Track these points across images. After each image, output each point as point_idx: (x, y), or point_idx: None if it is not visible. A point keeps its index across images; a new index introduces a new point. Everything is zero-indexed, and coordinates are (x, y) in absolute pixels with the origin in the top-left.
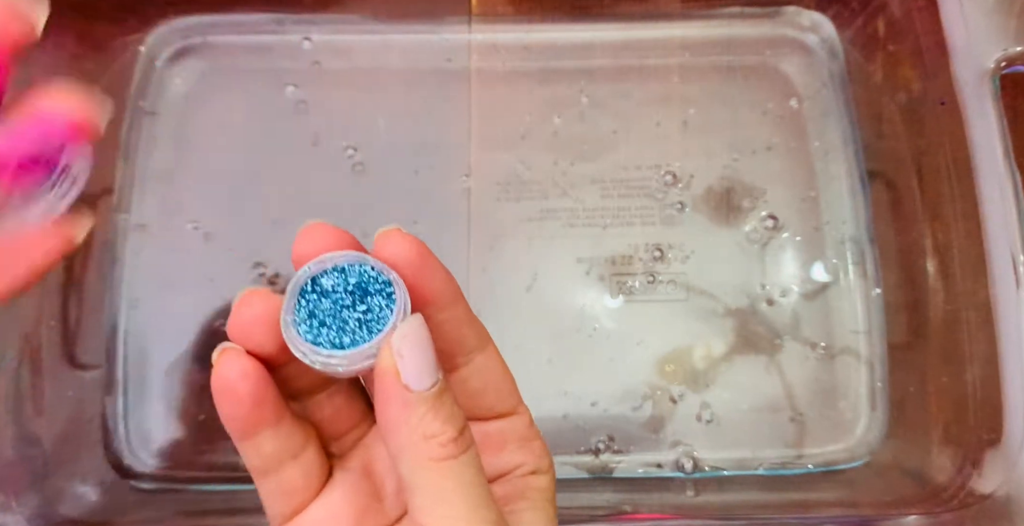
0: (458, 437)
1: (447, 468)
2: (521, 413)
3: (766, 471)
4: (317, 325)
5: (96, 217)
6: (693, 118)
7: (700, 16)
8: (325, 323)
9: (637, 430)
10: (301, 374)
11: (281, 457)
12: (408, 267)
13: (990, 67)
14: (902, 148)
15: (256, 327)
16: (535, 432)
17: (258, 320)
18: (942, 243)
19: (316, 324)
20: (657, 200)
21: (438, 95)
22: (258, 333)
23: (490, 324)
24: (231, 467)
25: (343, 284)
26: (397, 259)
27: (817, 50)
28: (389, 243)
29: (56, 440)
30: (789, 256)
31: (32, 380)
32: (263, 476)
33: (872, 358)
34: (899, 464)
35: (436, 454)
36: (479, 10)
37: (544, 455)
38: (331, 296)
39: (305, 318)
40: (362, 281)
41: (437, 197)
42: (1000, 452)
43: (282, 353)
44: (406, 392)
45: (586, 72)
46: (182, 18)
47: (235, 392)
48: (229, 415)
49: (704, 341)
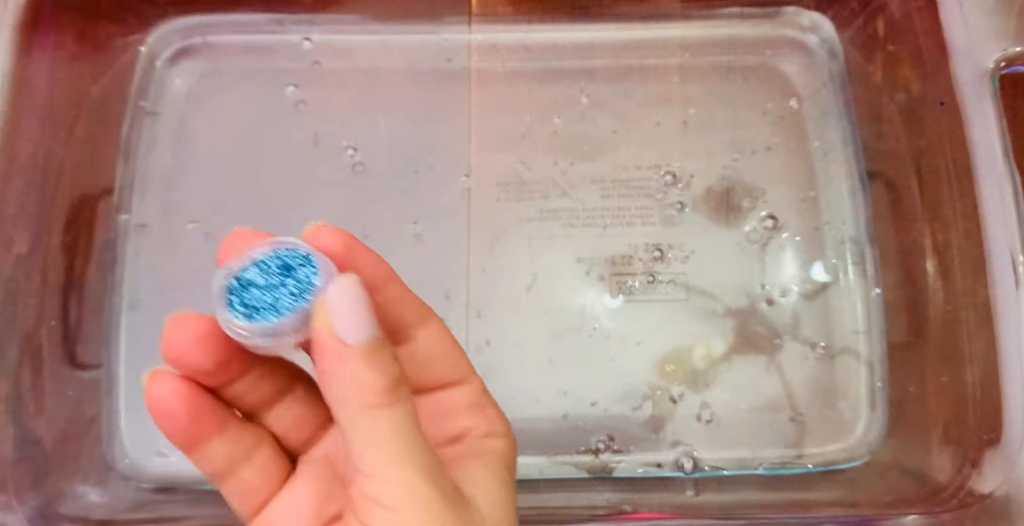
0: (393, 388)
1: (381, 415)
2: (472, 382)
3: (766, 471)
4: (252, 311)
5: (97, 217)
6: (693, 118)
7: (700, 16)
8: (260, 307)
9: (637, 430)
10: (250, 389)
11: (233, 460)
12: (336, 256)
13: (989, 67)
14: (902, 148)
15: (190, 347)
16: (489, 399)
17: (191, 341)
18: (942, 243)
19: (251, 311)
20: (657, 200)
21: (438, 95)
22: (193, 353)
23: (490, 324)
24: None
25: (266, 269)
26: (325, 250)
27: (817, 50)
28: (316, 237)
29: (56, 440)
30: (789, 256)
31: (33, 380)
32: (220, 481)
33: (872, 358)
34: (899, 464)
35: (370, 402)
36: (479, 10)
37: (498, 420)
38: (258, 284)
39: (240, 309)
40: (284, 262)
41: (437, 197)
42: (1000, 452)
43: (221, 369)
44: (341, 345)
45: (586, 72)
46: (182, 18)
47: (169, 411)
48: (169, 433)
49: (704, 341)
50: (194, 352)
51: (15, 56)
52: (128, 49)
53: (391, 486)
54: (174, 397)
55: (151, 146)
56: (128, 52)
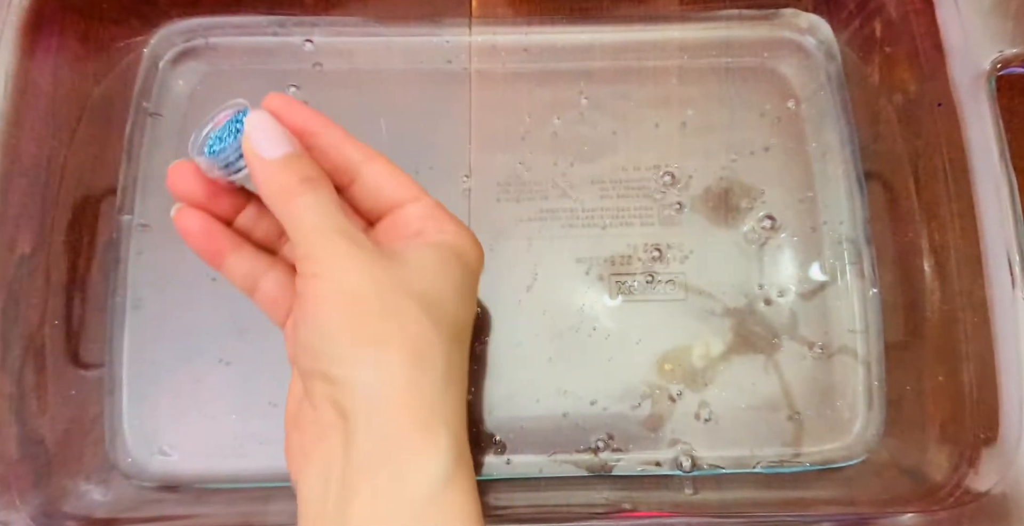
0: (307, 180)
1: (301, 199)
2: (423, 199)
3: (764, 469)
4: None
5: (100, 217)
6: (692, 119)
7: (698, 18)
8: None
9: (636, 428)
10: (254, 224)
11: (253, 274)
12: (277, 111)
13: (986, 69)
14: (899, 149)
15: (182, 182)
16: (442, 212)
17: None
18: (939, 243)
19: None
20: (656, 200)
21: (439, 96)
22: (185, 186)
23: (490, 324)
24: (233, 466)
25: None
26: (270, 109)
27: (814, 52)
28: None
29: (59, 439)
30: (787, 256)
31: (36, 379)
32: (249, 293)
33: (869, 357)
34: (896, 462)
35: (291, 192)
36: (479, 12)
37: (449, 222)
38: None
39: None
40: (239, 120)
41: (437, 197)
42: (996, 450)
43: (213, 199)
44: (260, 160)
45: (585, 74)
46: (185, 20)
47: (189, 231)
48: (195, 249)
49: (703, 340)
50: (185, 185)
51: (19, 57)
52: (131, 50)
53: (316, 251)
54: (190, 220)
55: (154, 147)
56: (131, 53)
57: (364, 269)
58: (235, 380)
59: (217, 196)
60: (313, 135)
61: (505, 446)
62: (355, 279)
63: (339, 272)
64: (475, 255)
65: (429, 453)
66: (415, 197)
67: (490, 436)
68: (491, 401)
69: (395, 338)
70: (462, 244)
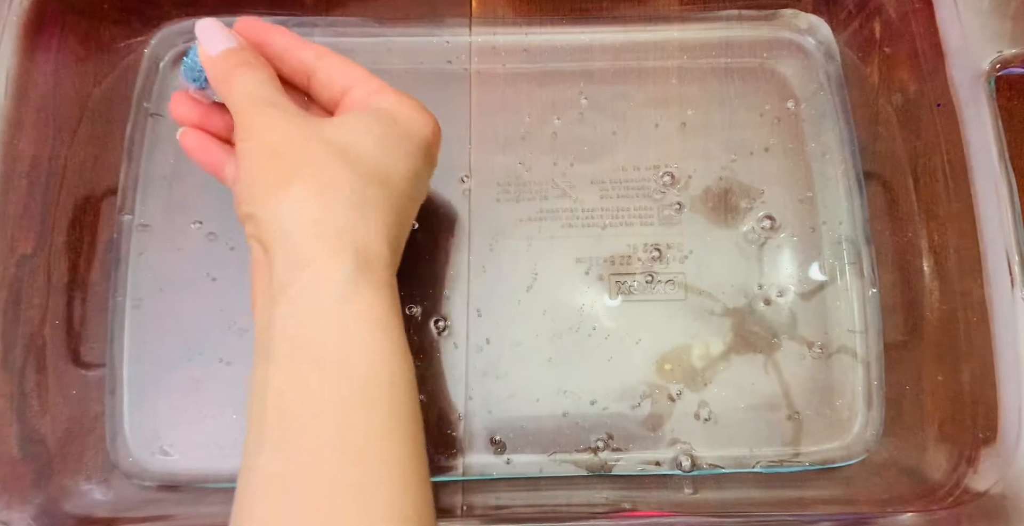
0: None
1: (238, 79)
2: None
3: (763, 469)
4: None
5: (100, 217)
6: (691, 119)
7: (698, 19)
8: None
9: (636, 428)
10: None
11: None
12: (241, 28)
13: (985, 69)
14: (898, 149)
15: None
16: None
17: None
18: (938, 243)
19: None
20: (656, 200)
21: (439, 96)
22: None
23: (490, 323)
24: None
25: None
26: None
27: (814, 52)
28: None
29: (60, 438)
30: (786, 256)
31: (37, 379)
32: None
33: (868, 357)
34: (895, 462)
35: (230, 75)
36: (479, 13)
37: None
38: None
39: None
40: None
41: (437, 197)
42: (995, 450)
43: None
44: (209, 56)
45: (585, 74)
46: (185, 20)
47: (190, 148)
48: (198, 161)
49: (702, 340)
50: (181, 110)
51: (19, 58)
52: (132, 51)
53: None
54: (190, 139)
55: (154, 147)
56: (132, 54)
57: (284, 129)
58: (235, 380)
59: (209, 116)
60: (269, 43)
61: (505, 446)
62: (275, 137)
63: (263, 133)
64: (417, 121)
65: (334, 267)
66: (363, 80)
67: (490, 436)
68: (491, 401)
69: (303, 177)
70: (401, 110)
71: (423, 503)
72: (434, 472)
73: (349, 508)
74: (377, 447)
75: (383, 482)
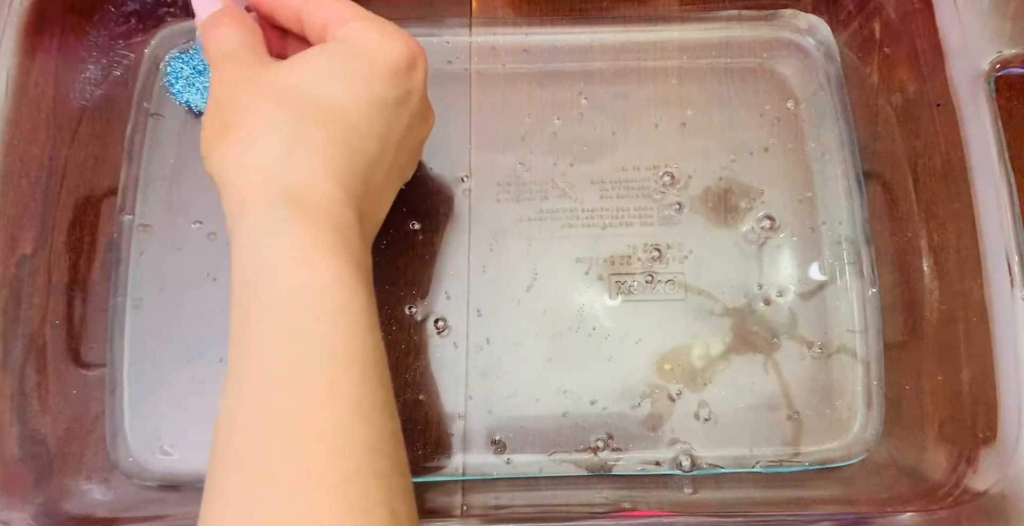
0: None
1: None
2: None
3: (763, 469)
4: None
5: (101, 218)
6: (691, 119)
7: (698, 19)
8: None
9: (636, 428)
10: None
11: None
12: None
13: (985, 69)
14: (898, 149)
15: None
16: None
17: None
18: (937, 243)
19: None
20: (655, 200)
21: (439, 96)
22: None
23: (490, 323)
24: None
25: None
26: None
27: (814, 52)
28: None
29: (61, 438)
30: (786, 256)
31: (37, 379)
32: None
33: (868, 357)
34: (895, 462)
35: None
36: (479, 13)
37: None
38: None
39: None
40: None
41: (437, 197)
42: (995, 450)
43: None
44: (201, 23)
45: (585, 74)
46: (185, 21)
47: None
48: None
49: (702, 340)
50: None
51: (19, 58)
52: (132, 51)
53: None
54: None
55: (154, 147)
56: (132, 54)
57: (227, 79)
58: None
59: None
60: (259, 2)
61: (505, 446)
62: (218, 88)
63: (212, 87)
64: (380, 45)
65: (263, 213)
66: (336, 14)
67: (490, 436)
68: (491, 401)
69: (235, 125)
70: (362, 36)
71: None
72: (434, 472)
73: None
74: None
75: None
